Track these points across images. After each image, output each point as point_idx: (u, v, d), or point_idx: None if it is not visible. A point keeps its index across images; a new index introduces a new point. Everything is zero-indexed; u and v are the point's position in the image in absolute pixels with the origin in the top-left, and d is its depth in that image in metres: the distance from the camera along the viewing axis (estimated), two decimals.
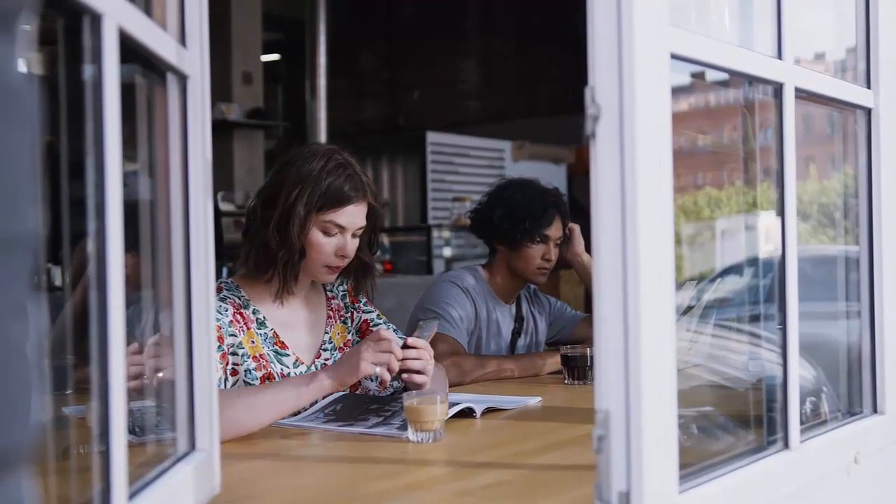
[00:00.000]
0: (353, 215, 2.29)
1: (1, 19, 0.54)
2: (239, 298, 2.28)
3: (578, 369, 2.71)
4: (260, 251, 2.27)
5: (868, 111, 1.87)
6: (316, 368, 2.32)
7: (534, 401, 2.41)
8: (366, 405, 2.18)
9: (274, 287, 2.31)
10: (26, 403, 0.56)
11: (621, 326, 1.20)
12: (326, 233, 2.26)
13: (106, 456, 1.03)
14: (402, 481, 1.67)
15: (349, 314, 2.50)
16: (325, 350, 2.39)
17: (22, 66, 0.57)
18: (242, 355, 2.20)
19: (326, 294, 2.48)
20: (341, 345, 2.43)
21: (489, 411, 2.24)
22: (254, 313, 2.29)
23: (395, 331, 2.49)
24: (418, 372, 2.18)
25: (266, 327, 2.29)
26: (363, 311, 2.52)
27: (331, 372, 2.09)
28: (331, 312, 2.45)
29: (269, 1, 8.43)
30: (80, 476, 1.28)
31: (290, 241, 2.23)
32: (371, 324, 2.51)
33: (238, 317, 2.23)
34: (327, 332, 2.42)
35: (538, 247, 3.07)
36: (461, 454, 1.88)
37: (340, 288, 2.51)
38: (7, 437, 0.55)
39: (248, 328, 2.25)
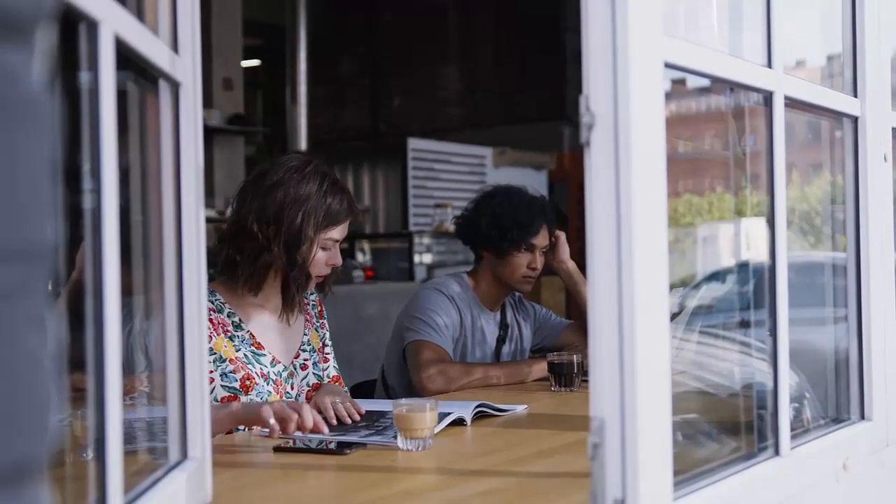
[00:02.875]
0: (345, 228, 2.39)
1: (19, 29, 0.54)
2: (213, 303, 2.30)
3: (565, 376, 2.72)
4: (263, 271, 2.31)
5: (855, 119, 1.88)
6: (294, 368, 2.41)
7: (520, 408, 2.41)
8: (354, 421, 2.17)
9: (270, 298, 2.39)
10: (45, 414, 0.56)
11: (616, 334, 1.20)
12: (324, 248, 2.35)
13: (102, 465, 1.02)
14: (394, 489, 1.66)
15: (320, 324, 2.58)
16: (303, 350, 2.47)
17: (39, 76, 0.57)
18: (215, 360, 2.25)
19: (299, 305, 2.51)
20: (318, 348, 2.52)
21: (479, 417, 2.24)
22: (229, 317, 2.34)
23: (315, 363, 2.50)
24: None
25: (242, 329, 2.34)
26: (326, 330, 2.60)
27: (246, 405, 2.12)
28: (308, 316, 2.53)
29: (249, 7, 8.41)
30: (71, 484, 1.27)
31: (299, 263, 2.30)
32: (324, 344, 2.58)
33: (209, 322, 2.25)
34: (306, 334, 2.49)
35: (524, 255, 3.07)
36: (452, 462, 1.87)
37: (312, 297, 2.57)
38: (28, 449, 0.55)
39: (219, 333, 2.29)
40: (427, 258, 7.80)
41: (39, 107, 0.56)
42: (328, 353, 2.58)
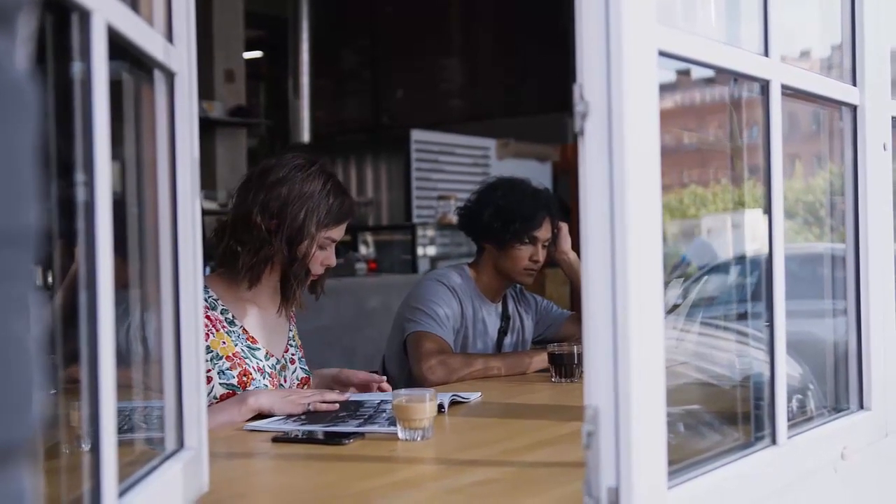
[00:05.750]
0: (343, 230, 2.44)
1: (1, 17, 0.54)
2: (206, 300, 2.31)
3: (565, 367, 2.72)
4: (263, 264, 2.34)
5: (854, 108, 1.87)
6: (284, 361, 2.46)
7: (475, 396, 2.44)
8: (335, 412, 2.18)
9: (262, 294, 2.41)
10: (29, 398, 0.57)
11: (610, 323, 1.20)
12: (321, 247, 2.39)
13: (96, 454, 1.02)
14: (391, 479, 1.67)
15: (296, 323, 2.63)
16: (291, 345, 2.52)
17: (21, 62, 0.57)
18: (212, 358, 2.28)
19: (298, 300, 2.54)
20: (299, 344, 2.57)
21: (478, 408, 2.26)
22: (222, 313, 2.36)
23: (300, 359, 2.57)
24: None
25: (236, 325, 2.37)
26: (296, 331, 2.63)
27: (264, 396, 2.19)
28: (291, 314, 2.56)
29: None
30: (67, 475, 1.28)
31: (298, 258, 2.34)
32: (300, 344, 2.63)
33: (206, 319, 2.27)
34: (291, 330, 2.54)
35: (526, 248, 3.06)
36: (450, 452, 1.88)
37: None
38: (11, 432, 0.55)
39: (218, 329, 2.32)
40: (430, 250, 7.80)
41: (21, 94, 0.57)
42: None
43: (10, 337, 0.55)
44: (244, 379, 2.30)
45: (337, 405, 2.21)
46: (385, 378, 2.55)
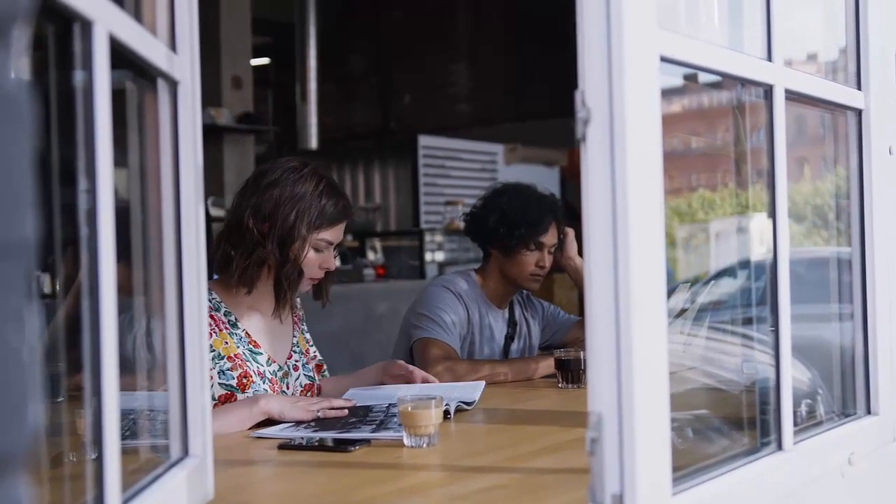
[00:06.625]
0: (341, 231, 2.43)
1: None
2: (210, 302, 2.32)
3: (572, 373, 2.71)
4: (256, 266, 2.35)
5: (859, 112, 1.87)
6: (287, 368, 2.46)
7: (479, 387, 2.48)
8: (345, 418, 2.18)
9: (264, 299, 2.42)
10: (24, 408, 0.57)
11: (613, 329, 1.20)
12: (317, 249, 2.39)
13: (99, 462, 1.03)
14: (397, 486, 1.66)
15: (304, 326, 2.63)
16: (294, 352, 2.52)
17: (17, 73, 0.57)
18: (213, 357, 2.29)
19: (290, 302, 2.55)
20: (304, 350, 2.57)
21: (459, 411, 2.28)
22: (225, 315, 2.38)
23: (304, 365, 2.56)
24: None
25: (239, 328, 2.38)
26: (306, 332, 2.62)
27: (274, 401, 2.18)
28: (296, 319, 2.57)
29: (258, 4, 8.41)
30: (72, 482, 1.28)
31: (290, 259, 2.34)
32: (310, 346, 2.62)
33: (209, 319, 2.28)
34: (295, 336, 2.54)
35: (533, 254, 3.06)
36: (455, 458, 1.87)
37: (298, 300, 2.63)
38: (6, 442, 0.55)
39: (221, 330, 2.34)
40: (438, 256, 7.80)
41: (17, 104, 0.57)
42: (313, 350, 2.62)
43: (5, 348, 0.55)
44: (244, 381, 2.31)
45: (346, 411, 2.21)
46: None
